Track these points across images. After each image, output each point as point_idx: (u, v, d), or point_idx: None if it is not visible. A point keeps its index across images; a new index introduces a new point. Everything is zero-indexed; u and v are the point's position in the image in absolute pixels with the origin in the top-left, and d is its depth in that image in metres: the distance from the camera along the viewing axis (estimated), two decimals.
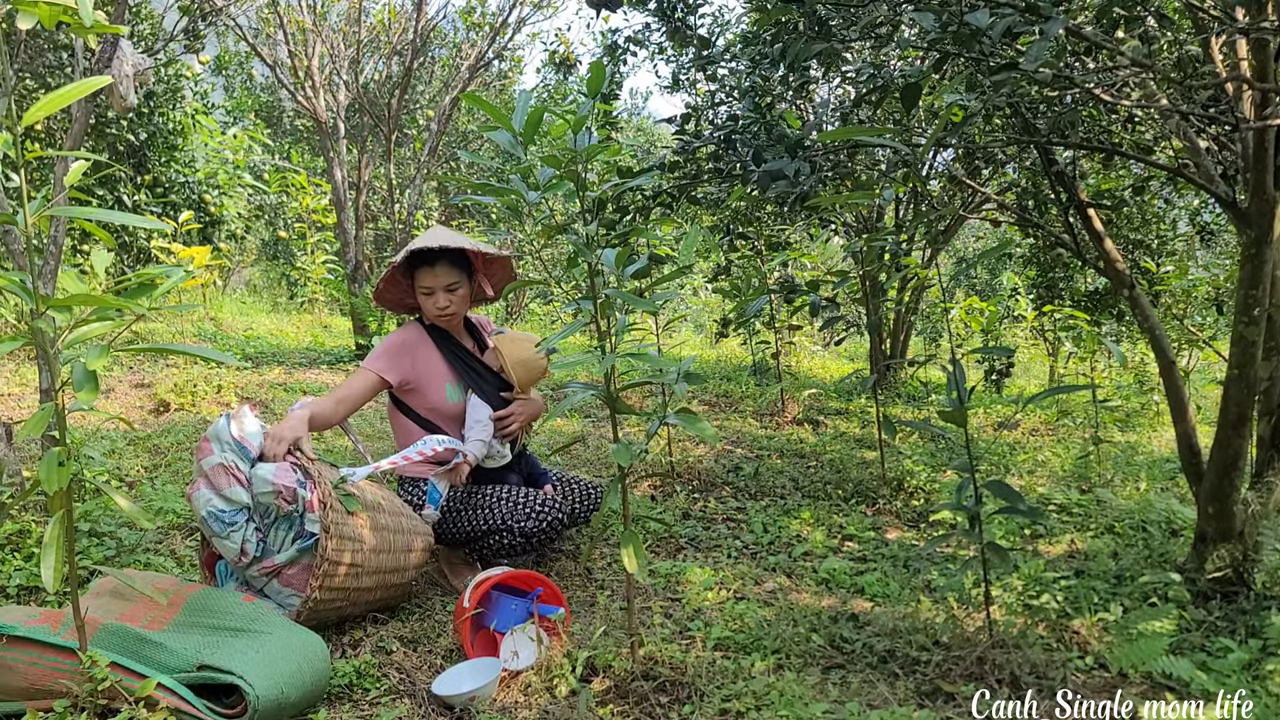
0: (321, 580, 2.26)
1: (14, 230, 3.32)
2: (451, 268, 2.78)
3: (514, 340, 2.92)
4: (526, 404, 2.92)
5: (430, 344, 2.87)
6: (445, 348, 2.88)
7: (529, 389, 2.94)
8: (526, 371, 2.89)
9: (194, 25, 5.78)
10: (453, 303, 2.80)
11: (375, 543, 2.41)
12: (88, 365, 1.63)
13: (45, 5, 1.56)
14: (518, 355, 2.87)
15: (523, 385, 2.91)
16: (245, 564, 2.31)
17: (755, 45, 3.18)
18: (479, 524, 2.69)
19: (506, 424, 2.87)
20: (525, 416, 2.93)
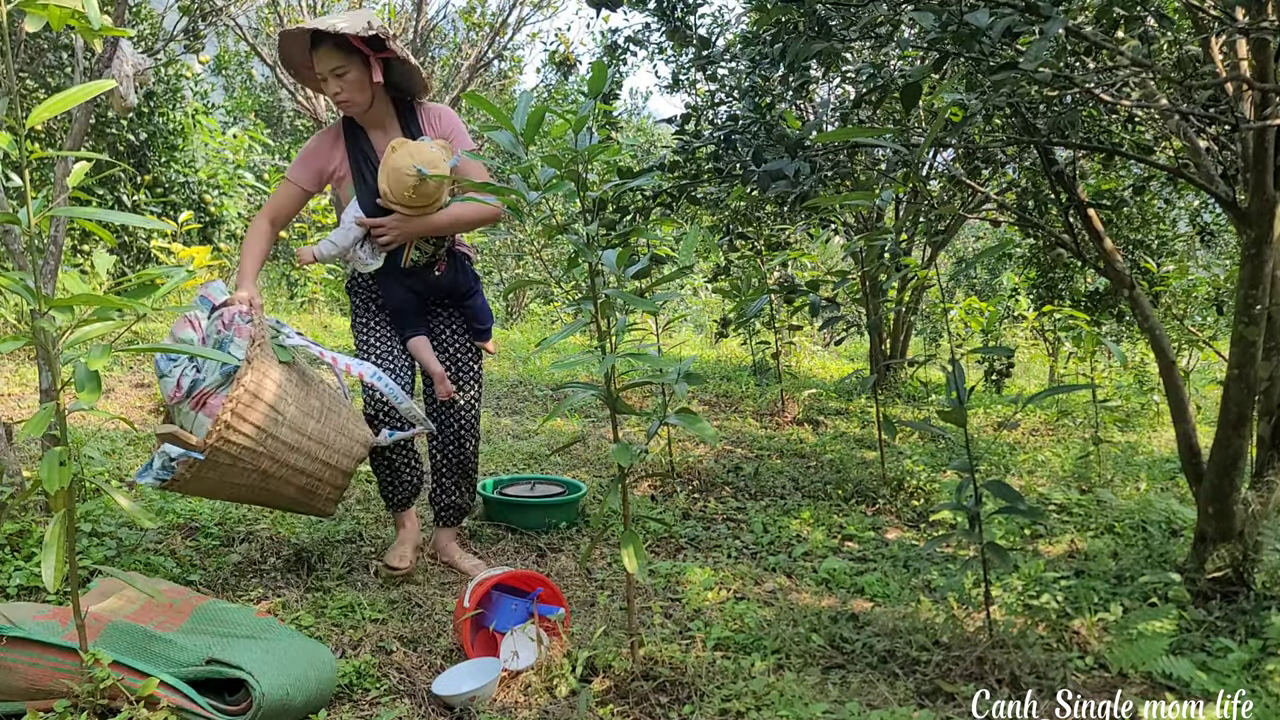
0: (234, 406, 2.22)
1: (15, 230, 3.32)
2: (334, 50, 2.55)
3: (409, 148, 2.60)
4: (402, 220, 2.64)
5: (341, 142, 2.72)
6: (352, 144, 2.71)
7: (403, 201, 2.61)
8: (391, 181, 2.59)
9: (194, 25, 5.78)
10: (343, 89, 2.58)
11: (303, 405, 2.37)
12: (89, 365, 1.63)
13: (53, 7, 1.56)
14: (392, 163, 2.58)
15: (389, 194, 2.61)
16: (179, 399, 2.35)
17: (755, 45, 3.18)
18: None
19: (376, 235, 2.68)
20: (399, 232, 2.66)
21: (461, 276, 2.84)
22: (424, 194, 2.60)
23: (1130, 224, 5.68)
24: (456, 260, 2.82)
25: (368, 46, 2.56)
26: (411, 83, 2.72)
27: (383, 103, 2.70)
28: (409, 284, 2.78)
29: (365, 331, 2.81)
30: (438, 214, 2.67)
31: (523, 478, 3.63)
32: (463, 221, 2.71)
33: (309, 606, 2.50)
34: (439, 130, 2.75)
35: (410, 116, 2.75)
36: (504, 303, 10.53)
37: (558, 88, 11.03)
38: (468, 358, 2.88)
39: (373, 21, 2.50)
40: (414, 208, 2.63)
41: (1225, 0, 2.22)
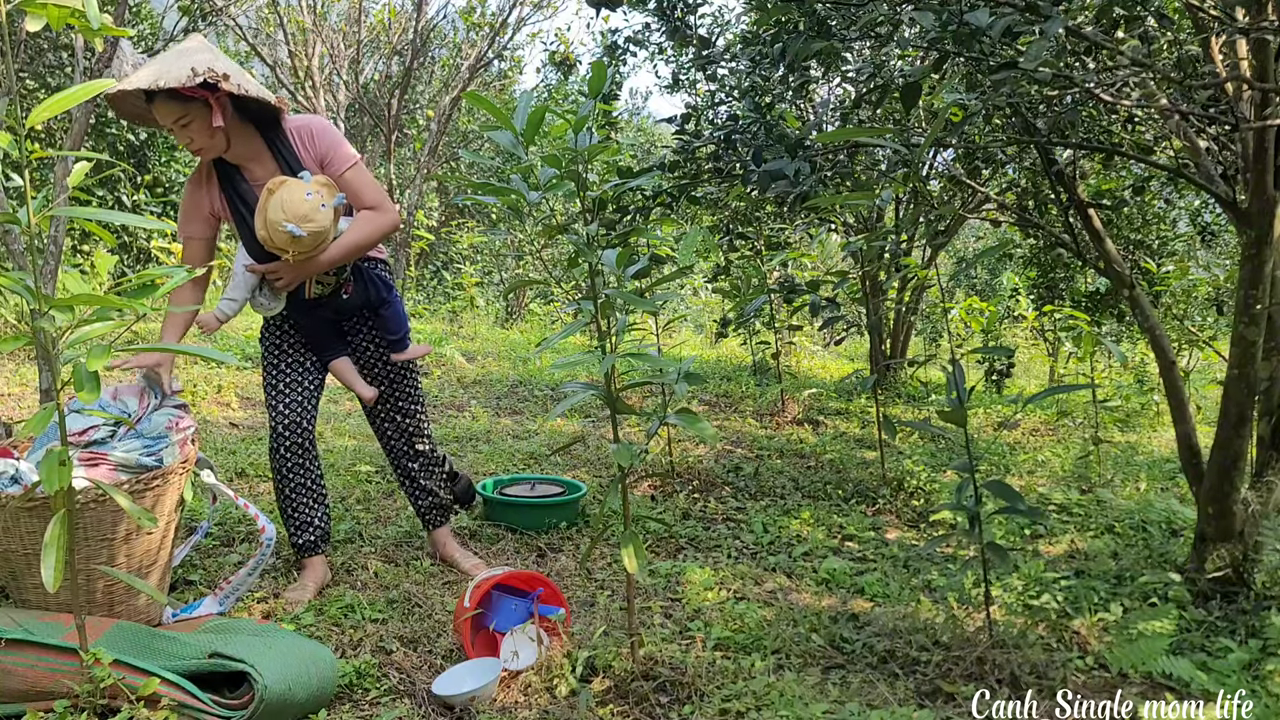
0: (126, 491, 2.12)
1: (15, 230, 3.32)
2: (169, 103, 2.35)
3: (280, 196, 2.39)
4: (288, 268, 2.50)
5: (215, 182, 2.55)
6: (226, 184, 2.54)
7: (287, 250, 2.43)
8: (270, 232, 2.40)
9: (194, 25, 5.79)
10: (193, 138, 2.41)
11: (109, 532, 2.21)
12: (89, 365, 1.63)
13: (53, 7, 1.56)
14: (268, 214, 2.39)
15: (270, 245, 2.44)
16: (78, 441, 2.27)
17: (755, 45, 3.18)
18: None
19: (270, 279, 2.55)
20: (293, 275, 2.52)
21: (372, 290, 2.69)
22: (307, 246, 2.43)
23: (1130, 224, 5.68)
24: (363, 275, 2.68)
25: (203, 90, 2.36)
26: (264, 110, 2.49)
27: (244, 137, 2.49)
28: (319, 313, 2.68)
29: (275, 354, 2.70)
30: (331, 250, 2.51)
31: (523, 478, 3.63)
32: (359, 247, 2.55)
33: (309, 606, 2.50)
34: (314, 151, 2.53)
35: (280, 142, 2.52)
36: (504, 303, 10.53)
37: (558, 88, 11.03)
38: (394, 369, 2.78)
39: (198, 66, 2.28)
40: (302, 253, 2.46)
41: (1225, 0, 2.22)
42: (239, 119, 2.46)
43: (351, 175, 2.54)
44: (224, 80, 2.30)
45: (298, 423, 2.65)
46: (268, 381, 2.70)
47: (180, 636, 1.95)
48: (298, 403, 2.67)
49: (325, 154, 2.54)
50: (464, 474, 3.22)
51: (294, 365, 2.70)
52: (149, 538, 2.20)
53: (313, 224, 2.38)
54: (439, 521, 2.91)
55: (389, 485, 3.67)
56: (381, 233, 2.57)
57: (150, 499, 2.15)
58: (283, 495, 2.69)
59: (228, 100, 2.41)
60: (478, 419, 4.97)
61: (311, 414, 2.69)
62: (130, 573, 2.14)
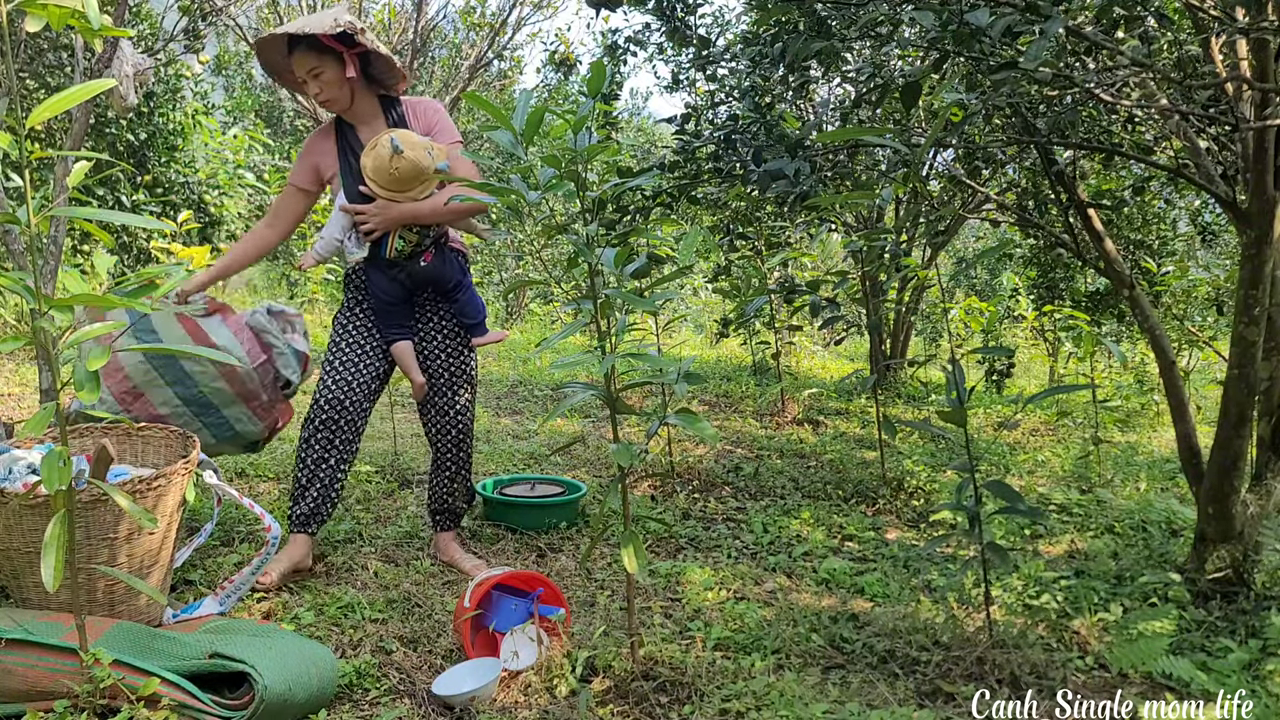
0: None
1: (15, 230, 3.32)
2: (308, 52, 2.58)
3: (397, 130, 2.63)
4: (384, 206, 2.63)
5: (333, 138, 2.75)
6: (341, 140, 2.74)
7: (383, 182, 2.60)
8: (372, 159, 2.59)
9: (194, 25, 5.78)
10: (322, 88, 2.62)
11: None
12: (88, 365, 1.63)
13: (53, 7, 1.56)
14: (378, 142, 2.60)
15: (368, 172, 2.61)
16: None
17: (755, 45, 3.18)
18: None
19: (358, 222, 2.68)
20: (381, 220, 2.65)
21: (448, 268, 2.78)
22: (403, 176, 2.57)
23: (1130, 224, 5.69)
24: (444, 252, 2.78)
25: (340, 44, 2.57)
26: (388, 74, 2.71)
27: (366, 98, 2.71)
28: (394, 274, 2.74)
29: (340, 333, 2.80)
30: (420, 202, 2.64)
31: (523, 478, 3.63)
32: (447, 211, 2.67)
33: (309, 606, 2.50)
34: (424, 123, 2.75)
35: (395, 110, 2.76)
36: (504, 303, 10.53)
37: (558, 88, 11.03)
38: (459, 357, 2.84)
39: (339, 18, 2.50)
40: (395, 190, 2.60)
41: (1225, 0, 2.22)
42: (364, 81, 2.68)
43: (459, 158, 2.68)
44: (361, 34, 2.54)
45: (339, 400, 2.70)
46: (326, 357, 2.78)
47: (180, 637, 1.95)
48: (345, 381, 2.72)
49: (432, 127, 2.73)
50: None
51: (355, 346, 2.77)
52: (150, 538, 2.20)
53: (415, 152, 2.51)
54: (447, 525, 2.92)
55: (389, 485, 3.67)
56: (470, 207, 2.66)
57: (151, 499, 2.15)
58: (299, 464, 2.74)
59: (357, 59, 2.61)
60: (478, 419, 4.97)
61: (358, 397, 2.73)
62: (131, 573, 2.14)
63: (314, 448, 2.71)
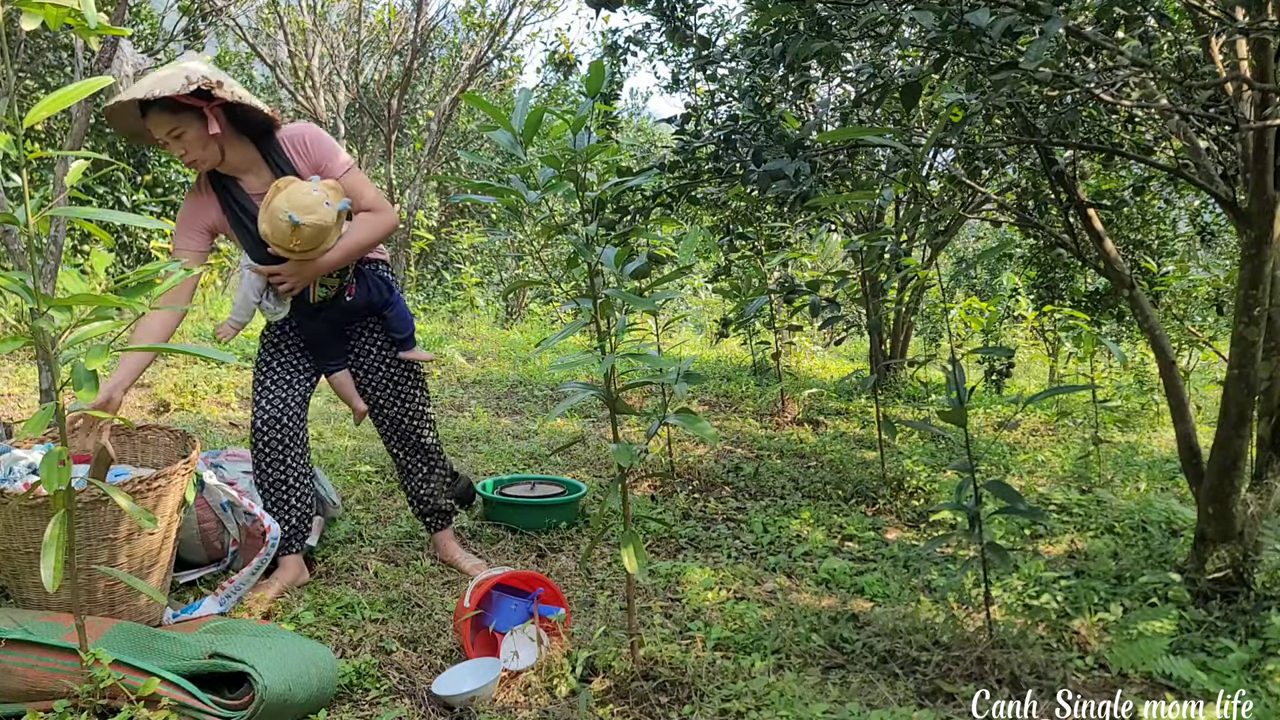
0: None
1: (14, 230, 3.32)
2: (163, 114, 2.34)
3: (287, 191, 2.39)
4: (298, 266, 2.48)
5: (213, 196, 2.53)
6: (223, 195, 2.52)
7: (289, 247, 2.42)
8: (271, 227, 2.39)
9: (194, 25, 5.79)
10: (186, 149, 2.40)
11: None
12: (87, 365, 1.63)
13: (50, 6, 1.56)
14: (271, 207, 2.39)
15: (271, 240, 2.42)
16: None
17: (755, 45, 3.17)
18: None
19: (274, 283, 2.55)
20: (298, 278, 2.52)
21: (375, 291, 2.68)
22: (308, 239, 2.41)
23: (1130, 224, 5.68)
24: (366, 277, 2.67)
25: (198, 99, 2.35)
26: (257, 121, 2.48)
27: (239, 148, 2.49)
28: (323, 318, 2.67)
29: (271, 350, 2.70)
30: (331, 253, 2.49)
31: (523, 478, 3.63)
32: (360, 247, 2.54)
33: (309, 606, 2.50)
34: (309, 160, 2.53)
35: (274, 151, 2.52)
36: (504, 303, 10.53)
37: (557, 88, 11.03)
38: (398, 371, 2.77)
39: (192, 73, 2.29)
40: (305, 252, 2.45)
41: (1225, 0, 2.22)
42: (233, 130, 2.46)
43: (348, 180, 2.54)
44: (218, 87, 2.31)
45: (278, 419, 2.64)
46: (256, 377, 2.69)
47: (180, 637, 1.95)
48: (281, 399, 2.65)
49: (320, 162, 2.53)
50: (464, 474, 3.22)
51: (286, 365, 2.70)
52: (150, 538, 2.20)
53: (314, 216, 2.37)
54: (439, 526, 2.91)
55: (389, 485, 3.67)
56: (381, 233, 2.57)
57: (151, 499, 2.15)
58: (261, 489, 2.68)
59: (221, 111, 2.40)
60: (478, 419, 4.97)
61: (295, 412, 2.67)
62: (131, 573, 2.14)
63: (269, 471, 2.65)
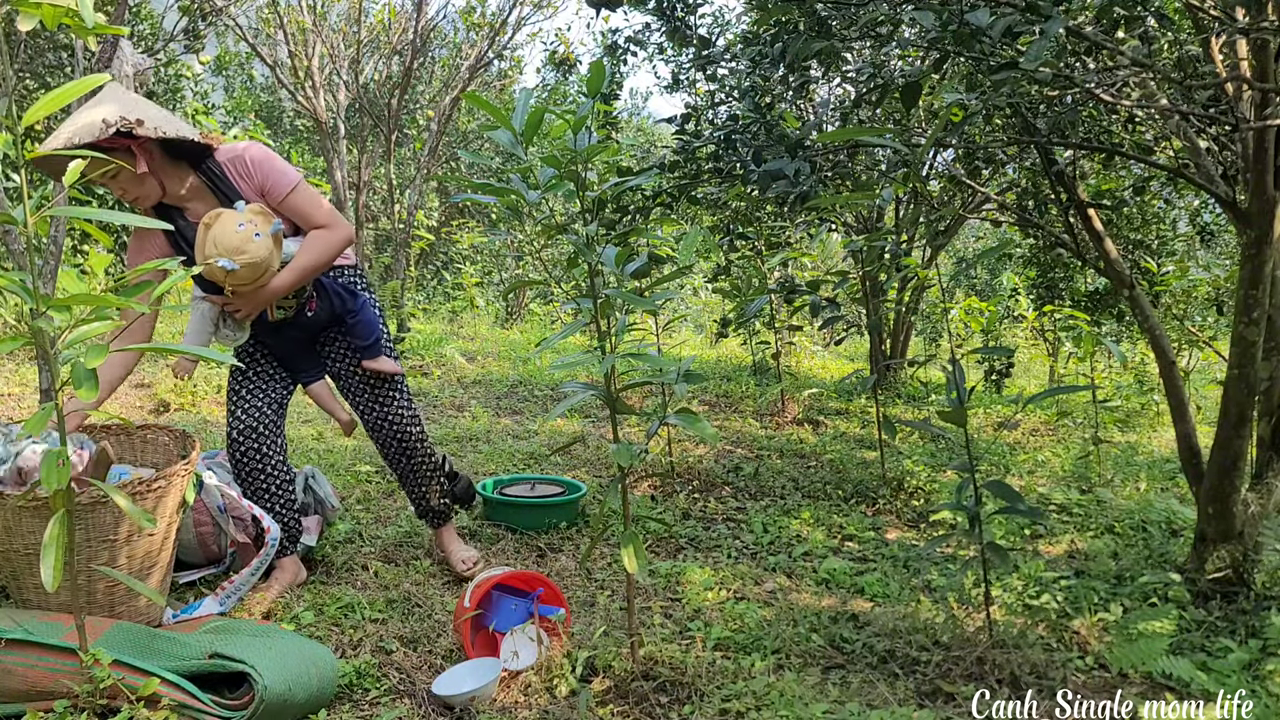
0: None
1: (14, 230, 3.32)
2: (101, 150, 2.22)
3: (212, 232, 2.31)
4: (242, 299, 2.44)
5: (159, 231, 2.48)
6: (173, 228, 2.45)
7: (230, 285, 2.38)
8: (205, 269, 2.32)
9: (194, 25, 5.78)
10: (125, 189, 2.35)
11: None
12: (86, 364, 1.63)
13: (47, 6, 1.56)
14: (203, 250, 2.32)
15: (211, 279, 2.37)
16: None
17: (755, 45, 3.17)
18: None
19: (228, 310, 2.51)
20: (251, 307, 2.48)
21: (337, 302, 2.62)
22: (244, 278, 2.35)
23: (1130, 224, 5.68)
24: (326, 289, 2.61)
25: (121, 139, 2.26)
26: (194, 151, 2.41)
27: (178, 177, 2.42)
28: (288, 334, 2.64)
29: (237, 377, 2.67)
30: (282, 275, 2.43)
31: (523, 478, 3.63)
32: (312, 269, 2.47)
33: (309, 606, 2.50)
34: (253, 181, 2.45)
35: (216, 176, 2.44)
36: (504, 303, 10.53)
37: (557, 88, 11.03)
38: (370, 375, 2.69)
39: (109, 117, 2.20)
40: (250, 285, 2.39)
41: (1225, 0, 2.22)
42: (168, 160, 2.40)
43: (294, 199, 2.46)
44: (138, 125, 2.23)
45: (254, 429, 2.59)
46: (231, 386, 2.65)
47: (180, 637, 1.95)
48: (256, 409, 2.61)
49: (264, 182, 2.45)
50: (464, 474, 3.22)
51: (261, 373, 2.66)
52: (150, 539, 2.20)
53: (245, 255, 2.30)
54: (437, 523, 2.89)
55: (389, 485, 3.67)
56: (333, 250, 2.49)
57: (151, 500, 2.15)
58: (244, 498, 2.64)
59: (153, 144, 2.34)
60: (478, 419, 4.97)
61: (271, 420, 2.63)
62: (131, 574, 2.14)
63: (249, 480, 2.62)
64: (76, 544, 1.98)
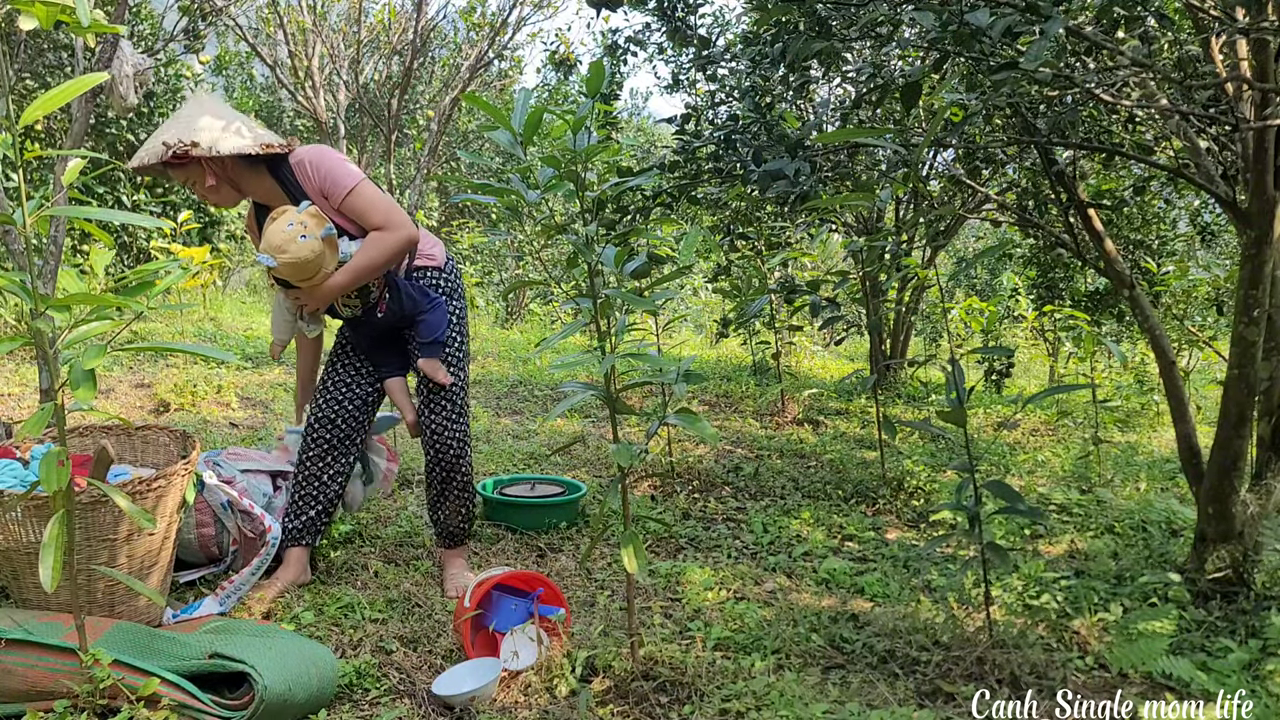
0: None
1: (14, 230, 3.32)
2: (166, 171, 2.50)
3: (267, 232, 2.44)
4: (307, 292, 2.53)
5: (253, 221, 2.69)
6: (259, 222, 2.64)
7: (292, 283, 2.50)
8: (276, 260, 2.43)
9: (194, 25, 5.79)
10: (205, 194, 2.53)
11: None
12: (85, 364, 1.63)
13: (42, 5, 1.56)
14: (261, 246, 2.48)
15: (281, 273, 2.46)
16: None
17: (755, 45, 3.17)
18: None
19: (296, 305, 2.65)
20: (312, 302, 2.56)
21: (409, 303, 2.64)
22: (289, 274, 2.43)
23: (1130, 224, 5.68)
24: (400, 290, 2.63)
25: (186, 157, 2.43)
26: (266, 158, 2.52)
27: (255, 180, 2.54)
28: (364, 330, 2.71)
29: (336, 354, 2.78)
30: (338, 275, 2.49)
31: (523, 478, 3.63)
32: (369, 270, 2.51)
33: (309, 606, 2.50)
34: (314, 183, 2.52)
35: (288, 177, 2.54)
36: (504, 303, 10.53)
37: (557, 88, 11.04)
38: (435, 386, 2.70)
39: (169, 139, 2.39)
40: (302, 281, 2.48)
41: (1225, 0, 2.22)
42: (244, 165, 2.51)
43: (351, 201, 2.50)
44: (192, 148, 2.39)
45: (332, 420, 2.71)
46: (321, 375, 2.80)
47: (180, 637, 1.95)
48: (337, 401, 2.73)
49: (321, 185, 2.51)
50: None
51: (349, 367, 2.76)
52: (150, 539, 2.20)
53: (286, 255, 2.37)
54: (444, 544, 2.80)
55: (390, 485, 3.67)
56: (391, 252, 2.51)
57: (152, 500, 2.15)
58: (295, 478, 2.74)
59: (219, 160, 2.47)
60: (478, 419, 4.97)
61: (351, 414, 2.73)
62: (131, 574, 2.14)
63: (308, 466, 2.72)
64: (76, 544, 1.98)
